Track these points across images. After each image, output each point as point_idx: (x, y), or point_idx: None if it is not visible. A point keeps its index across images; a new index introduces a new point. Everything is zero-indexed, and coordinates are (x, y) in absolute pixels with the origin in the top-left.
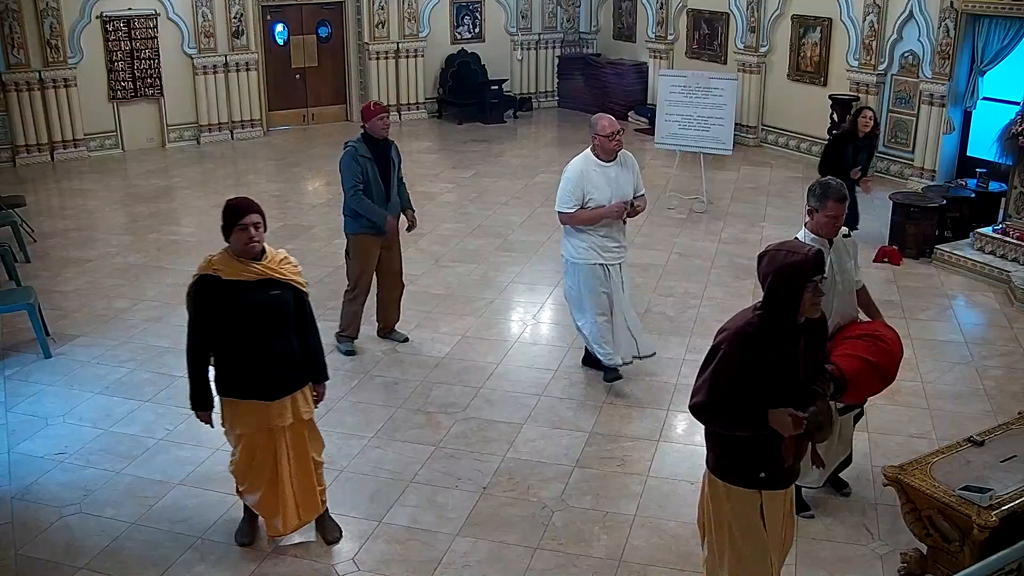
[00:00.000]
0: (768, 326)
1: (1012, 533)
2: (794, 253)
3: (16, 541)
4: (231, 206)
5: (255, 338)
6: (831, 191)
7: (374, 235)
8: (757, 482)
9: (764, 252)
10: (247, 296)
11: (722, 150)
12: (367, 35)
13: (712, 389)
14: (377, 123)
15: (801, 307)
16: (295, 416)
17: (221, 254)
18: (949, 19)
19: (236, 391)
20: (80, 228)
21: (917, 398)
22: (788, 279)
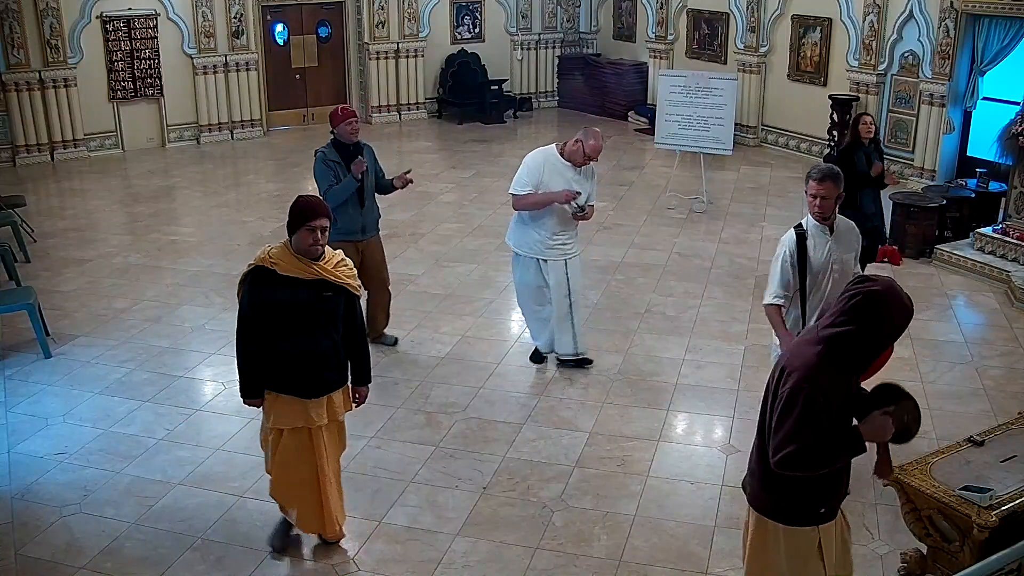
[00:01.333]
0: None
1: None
2: (901, 299)
3: (16, 541)
4: (303, 204)
5: (301, 335)
6: (813, 170)
7: (348, 241)
8: (817, 518)
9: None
10: (300, 293)
11: (722, 150)
12: (367, 35)
13: (804, 434)
14: (345, 128)
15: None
16: (330, 416)
17: (281, 248)
18: (949, 19)
19: (276, 385)
20: (80, 228)
21: (917, 398)
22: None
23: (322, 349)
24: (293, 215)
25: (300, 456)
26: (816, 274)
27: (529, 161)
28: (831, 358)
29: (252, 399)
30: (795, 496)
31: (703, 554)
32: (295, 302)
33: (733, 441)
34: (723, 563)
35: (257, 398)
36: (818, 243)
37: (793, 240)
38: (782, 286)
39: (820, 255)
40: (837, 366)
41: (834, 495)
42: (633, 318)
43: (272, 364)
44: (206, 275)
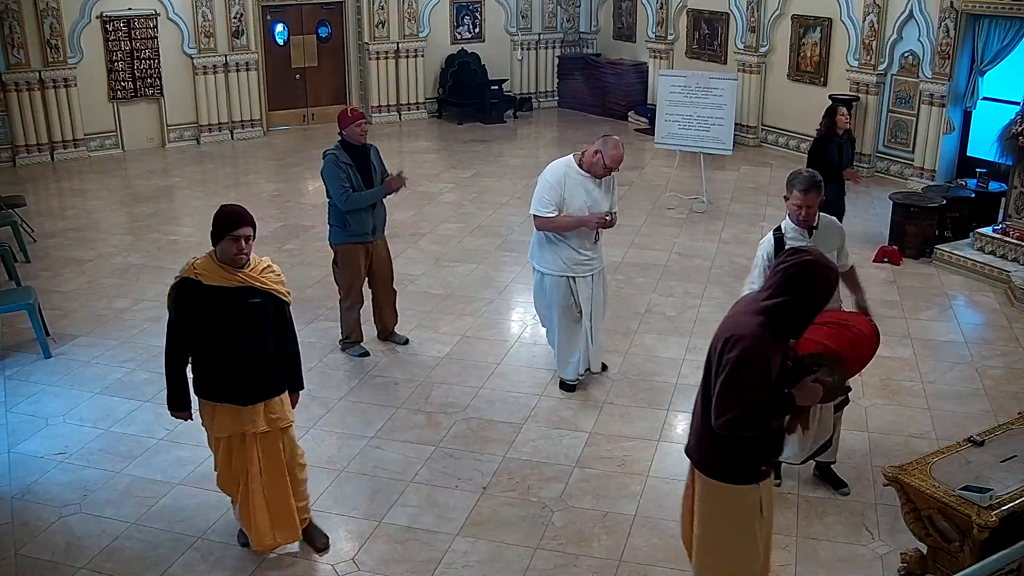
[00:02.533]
0: (781, 327)
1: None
2: (829, 265)
3: (16, 541)
4: (226, 214)
5: (231, 343)
6: (796, 180)
7: (360, 243)
8: (758, 476)
9: (794, 261)
10: (226, 302)
11: (722, 150)
12: (367, 35)
13: (745, 398)
14: (355, 130)
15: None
16: (269, 423)
17: (205, 259)
18: (949, 19)
19: (212, 394)
20: (80, 228)
21: (917, 398)
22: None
23: (254, 356)
24: (217, 224)
25: (238, 463)
26: None
27: (549, 177)
28: (772, 327)
29: (179, 411)
30: (739, 457)
31: None
32: (222, 311)
33: None
34: None
35: (184, 410)
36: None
37: (771, 243)
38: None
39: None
40: (778, 333)
41: (773, 454)
42: (633, 318)
43: (207, 374)
44: None
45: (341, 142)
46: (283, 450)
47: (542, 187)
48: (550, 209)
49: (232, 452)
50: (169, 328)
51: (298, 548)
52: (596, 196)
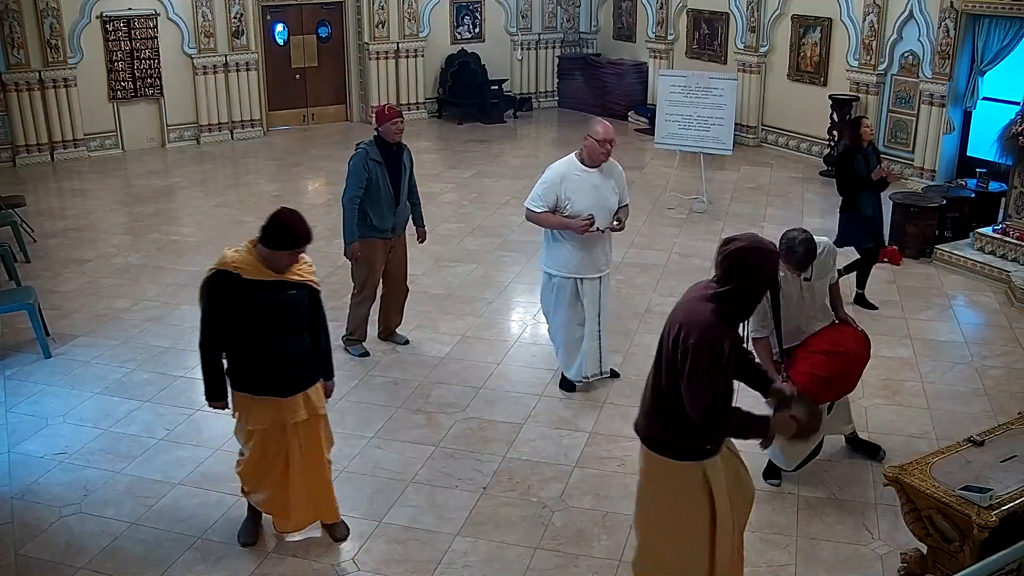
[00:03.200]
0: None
1: (1012, 533)
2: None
3: (16, 541)
4: (299, 232)
5: (270, 336)
6: (793, 259)
7: (379, 239)
8: (702, 454)
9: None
10: (264, 296)
11: (722, 150)
12: (367, 35)
13: (714, 386)
14: (391, 127)
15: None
16: (309, 412)
17: (245, 254)
18: (949, 19)
19: (250, 387)
20: (80, 228)
21: (917, 398)
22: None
23: (293, 348)
24: (280, 235)
25: (277, 452)
26: (787, 304)
27: (547, 177)
28: (722, 313)
29: (217, 401)
30: (685, 433)
31: None
32: (261, 304)
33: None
34: None
35: (222, 400)
36: (788, 277)
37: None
38: (760, 319)
39: (791, 288)
40: (728, 319)
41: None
42: (633, 318)
43: (245, 367)
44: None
45: (376, 138)
46: (321, 436)
47: (539, 184)
48: (539, 204)
49: (267, 443)
50: (203, 321)
51: (299, 546)
52: (602, 190)
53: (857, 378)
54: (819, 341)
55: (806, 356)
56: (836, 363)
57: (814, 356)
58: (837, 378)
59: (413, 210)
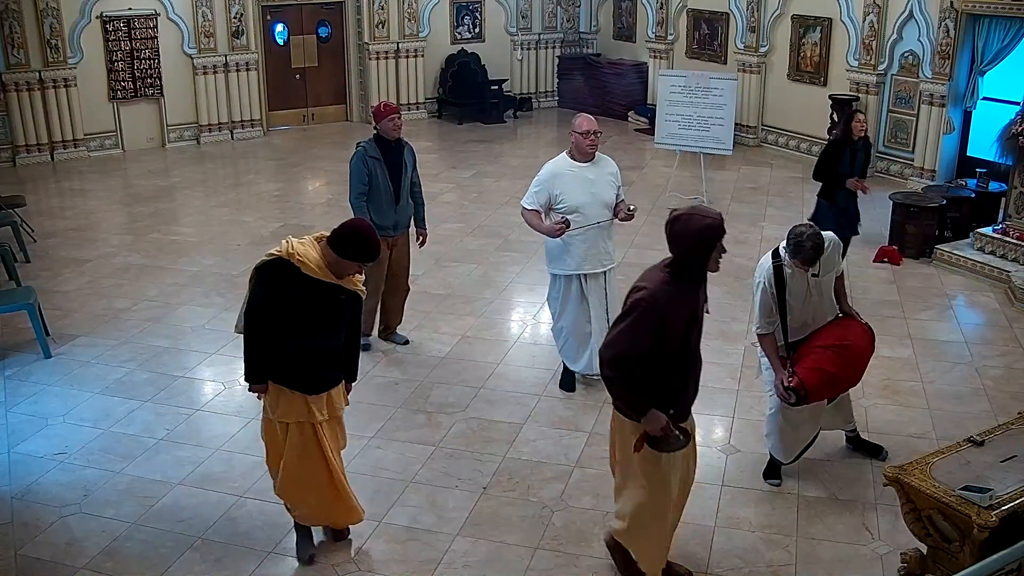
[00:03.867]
0: (680, 278)
1: (1012, 533)
2: (708, 216)
3: (16, 541)
4: (369, 248)
5: (310, 334)
6: (801, 253)
7: (382, 236)
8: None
9: (677, 216)
10: (318, 294)
11: (722, 150)
12: (367, 35)
13: (629, 344)
14: (387, 124)
15: (709, 263)
16: (330, 412)
17: (309, 248)
18: (949, 19)
19: (281, 379)
20: (80, 228)
21: (917, 398)
22: (703, 239)
23: (328, 349)
24: (358, 247)
25: (308, 452)
26: (797, 299)
27: (539, 176)
28: (676, 276)
29: (257, 384)
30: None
31: (703, 554)
32: (310, 302)
33: (733, 441)
34: (723, 563)
35: (263, 383)
36: (796, 273)
37: (770, 271)
38: (765, 315)
39: (798, 285)
40: (683, 280)
41: (680, 400)
42: None
43: (279, 359)
44: (206, 275)
45: (376, 136)
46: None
47: (532, 184)
48: (531, 203)
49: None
50: (252, 306)
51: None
52: (598, 184)
53: (862, 372)
54: (824, 336)
55: (812, 352)
56: (842, 358)
57: (820, 352)
58: (843, 372)
59: (416, 210)
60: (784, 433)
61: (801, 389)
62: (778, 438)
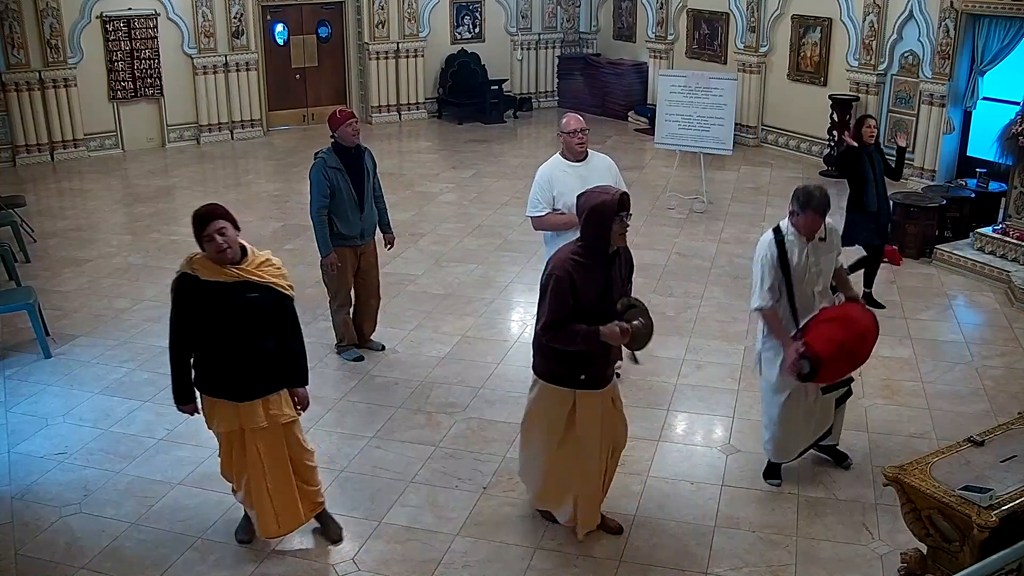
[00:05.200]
0: (587, 252)
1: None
2: (604, 193)
3: (16, 541)
4: (195, 216)
5: (228, 339)
6: (813, 202)
7: (349, 246)
8: (577, 383)
9: (581, 194)
10: (223, 297)
11: (722, 150)
12: (367, 35)
13: (553, 310)
14: (346, 130)
15: (611, 236)
16: (269, 420)
17: (203, 255)
18: (949, 19)
19: (210, 389)
20: (80, 228)
21: (917, 398)
22: (600, 214)
23: (252, 352)
24: (193, 229)
25: (240, 455)
26: (799, 274)
27: (538, 178)
28: (584, 249)
29: (184, 404)
30: (559, 363)
31: (703, 554)
32: (220, 306)
33: (733, 441)
34: (723, 563)
35: (189, 403)
36: (797, 247)
37: (773, 246)
38: (767, 287)
39: (798, 258)
40: (591, 252)
41: (593, 366)
42: None
43: (206, 369)
44: None
45: (334, 144)
46: (286, 444)
47: (533, 188)
48: (540, 208)
49: (232, 445)
50: (171, 323)
51: (299, 545)
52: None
53: (869, 348)
54: (826, 313)
55: (818, 326)
56: (849, 328)
57: (826, 325)
58: (852, 344)
59: (380, 215)
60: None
61: (815, 359)
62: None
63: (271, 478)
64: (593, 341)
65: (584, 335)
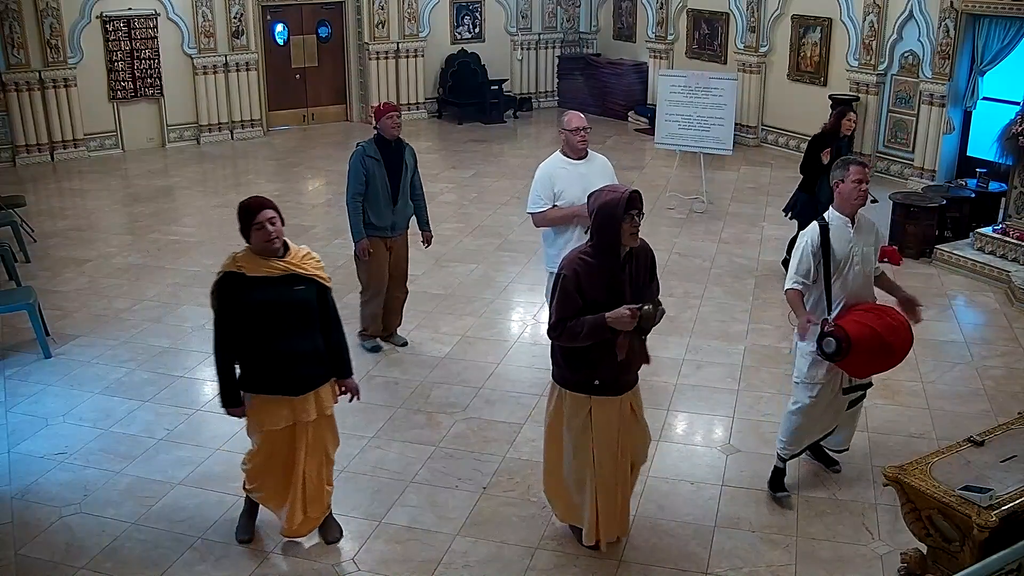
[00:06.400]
0: (598, 253)
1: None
2: (613, 192)
3: (16, 541)
4: (244, 206)
5: (280, 334)
6: (852, 160)
7: (379, 237)
8: (591, 389)
9: (591, 193)
10: (271, 292)
11: (722, 150)
12: (367, 35)
13: (560, 309)
14: (387, 122)
15: (621, 236)
16: (318, 411)
17: (245, 251)
18: (949, 19)
19: (263, 387)
20: (80, 228)
21: (917, 398)
22: (608, 213)
23: (303, 346)
24: (240, 220)
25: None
26: (839, 263)
27: (538, 175)
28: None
29: (233, 408)
30: (572, 368)
31: (703, 554)
32: (268, 301)
33: (733, 441)
34: (723, 563)
35: (238, 406)
36: (841, 235)
37: (817, 231)
38: (801, 273)
39: (842, 246)
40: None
41: (606, 371)
42: None
43: (256, 367)
44: (206, 275)
45: (376, 136)
46: (326, 436)
47: (534, 185)
48: (541, 204)
49: (277, 442)
50: (216, 325)
51: (299, 545)
52: (591, 180)
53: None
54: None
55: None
56: (884, 321)
57: (860, 312)
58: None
59: (417, 212)
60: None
61: (845, 340)
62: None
63: (308, 468)
64: (600, 330)
65: (590, 325)
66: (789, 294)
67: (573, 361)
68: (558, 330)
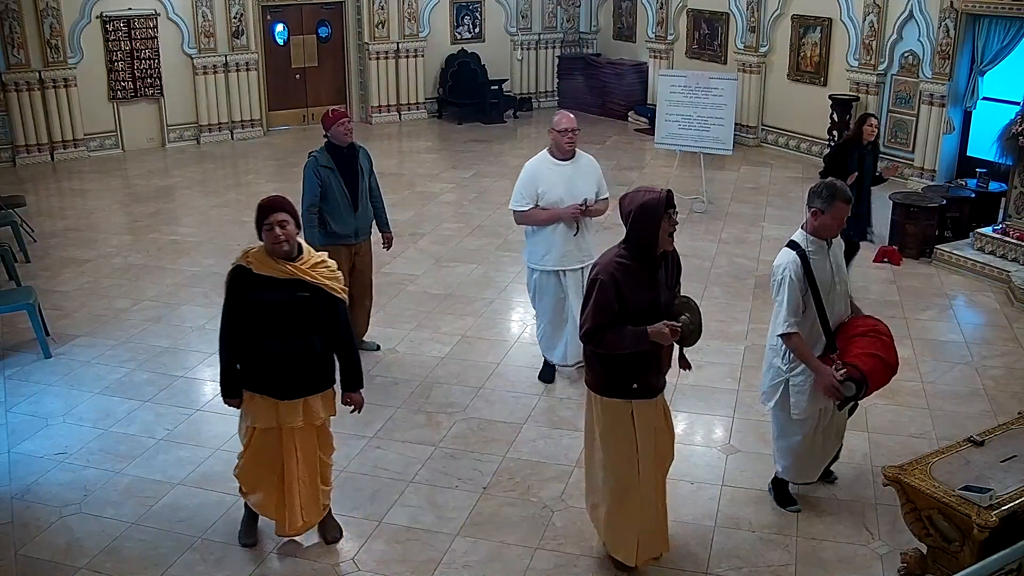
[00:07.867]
0: (634, 255)
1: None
2: (650, 192)
3: (16, 541)
4: (260, 205)
5: (273, 335)
6: (839, 192)
7: (342, 245)
8: (630, 393)
9: (625, 195)
10: (272, 293)
11: (722, 150)
12: (367, 35)
13: (596, 316)
14: (339, 129)
15: (660, 238)
16: (306, 419)
17: (259, 248)
18: (949, 19)
19: (252, 384)
20: (80, 228)
21: (917, 398)
22: (648, 213)
23: (297, 351)
24: (256, 217)
25: (272, 453)
26: (826, 289)
27: (523, 173)
28: (629, 252)
29: (231, 399)
30: (609, 374)
31: (703, 554)
32: (269, 302)
33: (733, 441)
34: (723, 563)
35: (236, 398)
36: (819, 258)
37: (797, 262)
38: (792, 311)
39: (825, 270)
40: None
41: (645, 374)
42: None
43: (249, 363)
44: (206, 275)
45: (327, 144)
46: (316, 443)
47: (517, 184)
48: (523, 203)
49: (265, 443)
50: (222, 315)
51: (299, 545)
52: (576, 181)
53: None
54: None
55: (855, 340)
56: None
57: (858, 339)
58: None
59: (377, 215)
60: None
61: (857, 373)
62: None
63: (303, 475)
64: (642, 341)
65: (633, 335)
66: (793, 341)
67: (612, 366)
68: (596, 338)
